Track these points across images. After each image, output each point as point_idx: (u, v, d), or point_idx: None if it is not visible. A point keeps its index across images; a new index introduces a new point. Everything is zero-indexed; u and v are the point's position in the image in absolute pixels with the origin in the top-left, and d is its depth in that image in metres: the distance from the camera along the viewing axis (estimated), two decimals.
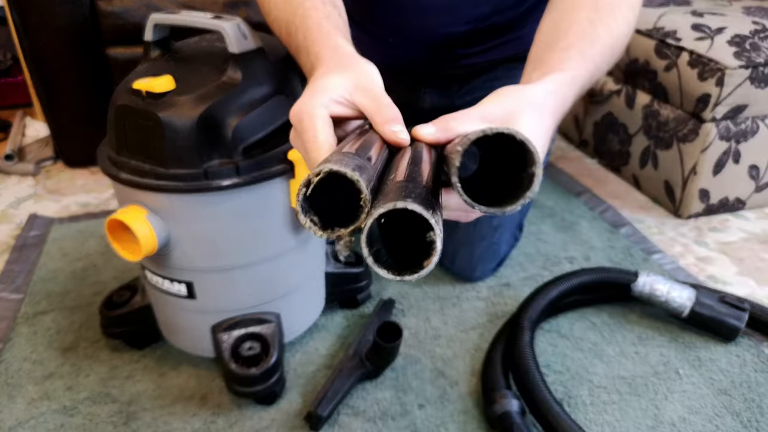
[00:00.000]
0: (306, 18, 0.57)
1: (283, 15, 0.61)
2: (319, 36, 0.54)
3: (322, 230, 0.33)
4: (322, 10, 0.57)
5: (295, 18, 0.58)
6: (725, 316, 0.83)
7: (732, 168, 1.15)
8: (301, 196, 0.32)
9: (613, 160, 1.37)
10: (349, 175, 0.30)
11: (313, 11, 0.57)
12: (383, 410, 0.73)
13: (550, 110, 0.45)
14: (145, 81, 0.61)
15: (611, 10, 0.55)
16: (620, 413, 0.73)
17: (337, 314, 0.90)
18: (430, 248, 0.31)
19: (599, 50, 0.53)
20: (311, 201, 0.32)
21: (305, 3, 0.58)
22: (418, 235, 0.31)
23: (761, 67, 1.05)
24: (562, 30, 0.55)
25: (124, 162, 0.63)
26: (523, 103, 0.44)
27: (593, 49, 0.53)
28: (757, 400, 0.75)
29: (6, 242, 1.10)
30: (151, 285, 0.73)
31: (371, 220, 0.29)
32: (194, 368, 0.79)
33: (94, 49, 1.24)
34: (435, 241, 0.30)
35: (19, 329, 0.86)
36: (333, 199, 0.33)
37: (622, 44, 0.57)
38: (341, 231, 0.33)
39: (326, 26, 0.55)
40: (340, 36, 0.54)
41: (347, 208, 0.32)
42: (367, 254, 0.31)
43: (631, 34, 0.58)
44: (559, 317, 0.90)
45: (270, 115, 0.65)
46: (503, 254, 1.01)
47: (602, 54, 0.54)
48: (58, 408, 0.73)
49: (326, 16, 0.56)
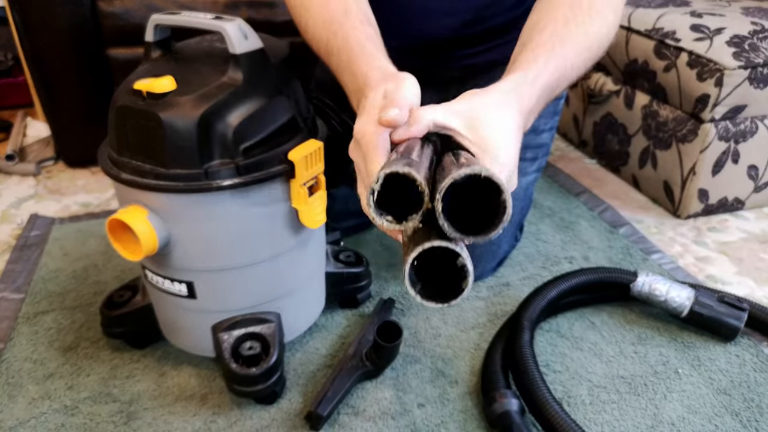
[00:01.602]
0: (348, 39, 0.60)
1: (323, 34, 0.63)
2: (363, 57, 0.57)
3: (399, 224, 0.39)
4: (362, 30, 0.60)
5: (336, 39, 0.61)
6: (724, 315, 0.83)
7: (731, 168, 1.15)
8: (372, 204, 0.38)
9: (613, 161, 1.37)
10: (401, 171, 0.37)
11: (353, 32, 0.60)
12: (383, 410, 0.74)
13: (511, 108, 0.48)
14: (146, 81, 0.61)
15: (588, 10, 0.57)
16: (619, 412, 0.73)
17: (338, 314, 0.90)
18: (462, 271, 0.36)
19: (572, 49, 0.55)
20: (380, 205, 0.39)
21: (345, 24, 0.61)
22: (445, 261, 0.37)
23: (760, 67, 1.05)
24: (536, 30, 0.57)
25: (124, 162, 0.63)
26: (482, 103, 0.48)
27: (564, 49, 0.54)
28: (756, 400, 0.75)
29: (7, 242, 1.10)
30: (151, 285, 0.74)
31: (437, 203, 0.36)
32: (195, 368, 0.80)
33: (95, 49, 1.24)
34: (465, 265, 0.36)
35: (20, 329, 0.86)
36: (399, 198, 0.39)
37: (600, 44, 0.58)
38: (414, 218, 0.38)
39: (369, 48, 0.58)
40: (383, 56, 0.57)
41: (410, 202, 0.38)
42: (414, 293, 0.37)
43: (612, 35, 0.60)
44: (559, 317, 0.90)
45: (271, 115, 0.65)
46: (503, 254, 1.01)
47: (576, 53, 0.56)
48: (59, 407, 0.73)
49: (367, 38, 0.59)
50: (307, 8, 0.66)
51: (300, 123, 0.69)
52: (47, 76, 1.26)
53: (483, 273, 0.98)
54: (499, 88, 0.50)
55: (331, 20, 0.62)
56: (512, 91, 0.50)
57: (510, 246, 1.03)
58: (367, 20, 0.62)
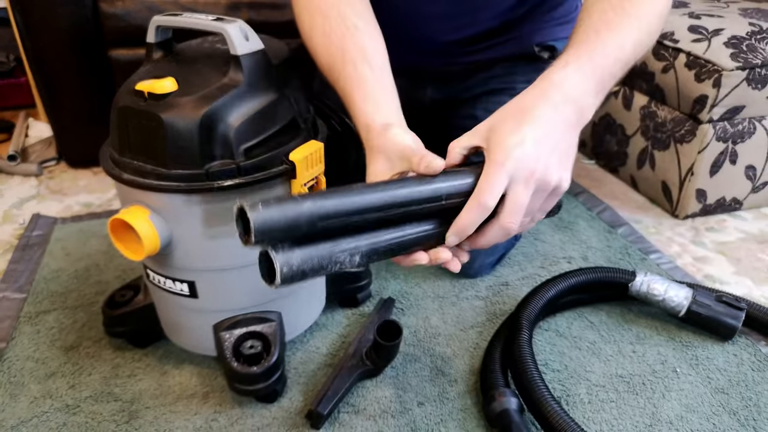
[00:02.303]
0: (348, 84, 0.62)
1: (328, 75, 0.67)
2: (364, 107, 0.60)
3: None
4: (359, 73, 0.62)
5: (338, 84, 0.64)
6: (722, 315, 0.84)
7: (729, 168, 1.15)
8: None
9: (611, 161, 1.38)
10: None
11: (349, 80, 0.62)
12: (383, 408, 0.74)
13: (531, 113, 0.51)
14: (148, 82, 0.61)
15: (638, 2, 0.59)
16: (618, 411, 0.74)
17: (338, 313, 0.91)
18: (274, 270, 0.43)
19: (620, 29, 0.57)
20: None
21: (343, 71, 0.63)
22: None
23: (758, 68, 1.06)
24: (583, 23, 0.58)
25: (126, 163, 0.64)
26: (500, 118, 0.52)
27: (609, 38, 0.56)
28: (754, 399, 0.76)
29: (9, 242, 1.10)
30: (153, 284, 0.74)
31: None
32: (196, 367, 0.80)
33: (97, 50, 1.25)
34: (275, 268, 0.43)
35: (22, 328, 0.87)
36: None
37: (658, 15, 0.60)
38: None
39: (369, 94, 0.61)
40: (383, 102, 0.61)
41: None
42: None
43: (662, 22, 0.62)
44: (558, 316, 0.90)
45: (271, 116, 0.65)
46: (502, 249, 1.01)
47: (628, 34, 0.57)
48: (61, 406, 0.74)
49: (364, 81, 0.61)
50: (312, 48, 0.70)
51: (300, 124, 0.69)
52: (49, 77, 1.26)
53: (482, 268, 0.98)
54: (524, 98, 0.53)
55: (330, 67, 0.65)
56: (541, 95, 0.52)
57: (509, 243, 1.03)
58: (363, 56, 0.63)
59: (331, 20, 0.65)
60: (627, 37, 0.57)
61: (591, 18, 0.58)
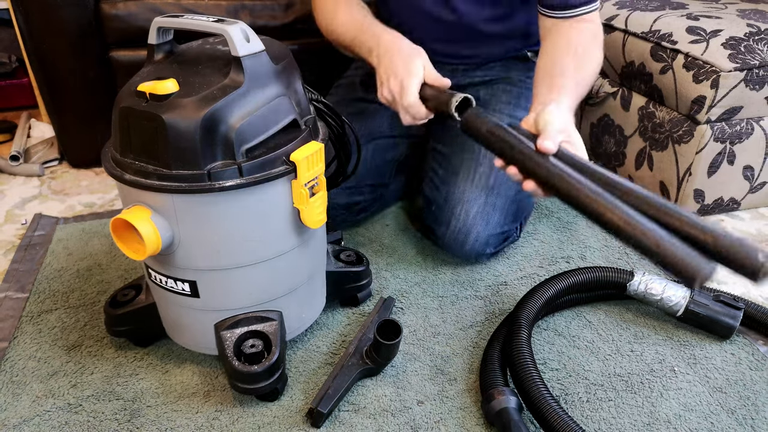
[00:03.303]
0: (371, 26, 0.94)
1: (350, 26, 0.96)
2: (389, 36, 0.90)
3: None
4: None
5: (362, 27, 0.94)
6: (720, 314, 0.84)
7: (727, 169, 1.16)
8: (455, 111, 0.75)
9: (609, 161, 1.38)
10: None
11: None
12: (383, 406, 0.75)
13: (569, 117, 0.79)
14: (149, 83, 0.62)
15: (585, 55, 0.86)
16: (616, 410, 0.74)
17: (338, 312, 0.91)
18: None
19: (583, 83, 0.85)
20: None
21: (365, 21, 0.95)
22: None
23: (756, 69, 1.06)
24: (556, 75, 0.83)
25: (128, 163, 0.64)
26: (564, 120, 0.75)
27: (578, 88, 0.84)
28: (752, 398, 0.76)
29: (11, 242, 1.11)
30: (155, 284, 0.75)
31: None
32: (197, 366, 0.81)
33: (98, 51, 1.25)
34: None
35: (24, 327, 0.87)
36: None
37: (596, 72, 0.88)
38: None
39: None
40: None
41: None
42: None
43: (601, 64, 0.90)
44: (556, 315, 0.91)
45: (272, 116, 0.66)
46: (496, 226, 0.97)
47: (585, 84, 0.86)
48: (63, 405, 0.74)
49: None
50: (336, 26, 0.98)
51: (301, 124, 0.70)
52: (51, 78, 1.27)
53: (477, 239, 0.96)
54: (560, 108, 0.77)
55: (354, 36, 0.95)
56: (565, 107, 0.79)
57: (504, 221, 0.99)
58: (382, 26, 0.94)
59: (352, 6, 0.97)
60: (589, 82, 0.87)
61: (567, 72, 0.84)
